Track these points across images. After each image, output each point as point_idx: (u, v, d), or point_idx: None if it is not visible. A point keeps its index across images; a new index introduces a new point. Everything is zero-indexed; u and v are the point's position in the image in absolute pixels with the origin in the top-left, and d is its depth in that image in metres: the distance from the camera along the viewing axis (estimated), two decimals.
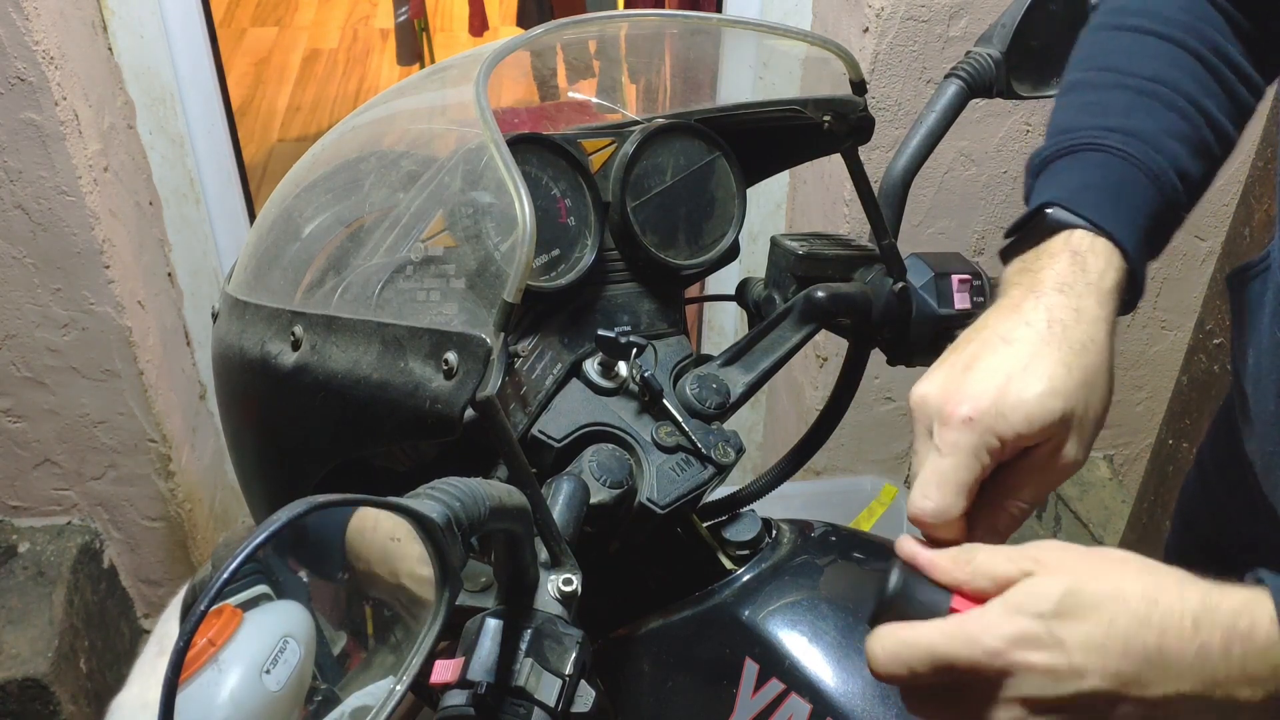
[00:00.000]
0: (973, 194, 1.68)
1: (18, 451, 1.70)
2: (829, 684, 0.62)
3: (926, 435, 0.59)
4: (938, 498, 0.57)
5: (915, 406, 0.61)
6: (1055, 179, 0.68)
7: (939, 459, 0.58)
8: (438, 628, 0.47)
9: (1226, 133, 0.72)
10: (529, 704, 0.53)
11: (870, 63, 1.52)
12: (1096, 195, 0.65)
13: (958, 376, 0.60)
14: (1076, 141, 0.68)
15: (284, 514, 0.40)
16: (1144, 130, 0.68)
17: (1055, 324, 0.60)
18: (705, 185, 0.81)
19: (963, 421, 0.57)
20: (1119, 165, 0.66)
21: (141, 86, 1.67)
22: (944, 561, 0.55)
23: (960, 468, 0.57)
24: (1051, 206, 0.65)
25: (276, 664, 0.66)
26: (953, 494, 0.57)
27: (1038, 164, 0.70)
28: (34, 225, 1.50)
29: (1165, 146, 0.67)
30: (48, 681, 1.61)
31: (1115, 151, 0.67)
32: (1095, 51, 0.74)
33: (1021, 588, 0.52)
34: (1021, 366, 0.59)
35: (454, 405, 0.55)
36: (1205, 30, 0.71)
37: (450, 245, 0.64)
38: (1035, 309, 0.61)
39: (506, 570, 0.56)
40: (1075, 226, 0.64)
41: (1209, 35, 0.71)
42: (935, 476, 0.57)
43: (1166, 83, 0.69)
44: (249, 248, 0.77)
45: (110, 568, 1.85)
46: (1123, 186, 0.66)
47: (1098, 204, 0.65)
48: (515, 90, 0.89)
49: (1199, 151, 0.69)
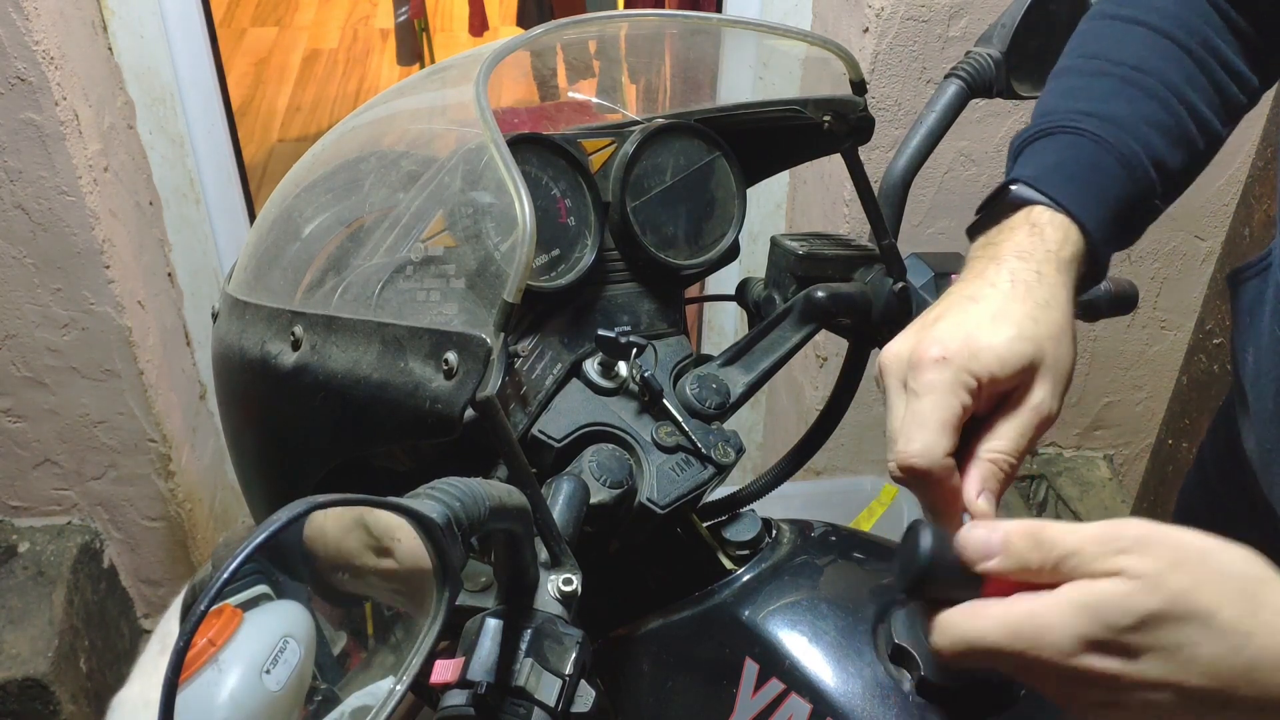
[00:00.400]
0: (973, 194, 1.68)
1: (18, 451, 1.70)
2: (829, 684, 0.62)
3: (900, 389, 0.59)
4: (921, 437, 0.56)
5: (886, 365, 0.61)
6: (1029, 160, 0.69)
7: (917, 401, 0.57)
8: (438, 628, 0.47)
9: (1212, 127, 0.72)
10: (529, 704, 0.53)
11: (870, 63, 1.52)
12: (1062, 175, 0.67)
13: (927, 329, 0.60)
14: (1053, 124, 0.70)
15: (284, 514, 0.40)
16: (1120, 116, 0.69)
17: (1019, 284, 0.62)
18: (705, 185, 0.81)
19: (935, 361, 0.58)
20: (1090, 147, 0.68)
21: (141, 86, 1.67)
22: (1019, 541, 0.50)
23: (939, 406, 0.57)
24: (1016, 184, 0.68)
25: (276, 664, 0.66)
26: (935, 432, 0.56)
27: (1017, 145, 0.72)
28: (34, 225, 1.50)
29: (1141, 133, 0.69)
30: (48, 681, 1.61)
31: (1088, 135, 0.68)
32: (1086, 40, 0.75)
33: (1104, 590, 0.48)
34: (989, 316, 0.60)
35: (454, 405, 0.55)
36: (1198, 25, 0.72)
37: (450, 245, 0.64)
38: (998, 273, 0.63)
39: (506, 570, 0.56)
40: (1036, 203, 0.66)
41: (1201, 30, 0.72)
42: (915, 419, 0.57)
43: (1150, 72, 0.70)
44: (249, 248, 0.77)
45: (110, 568, 1.85)
46: (1092, 168, 0.67)
47: (1061, 183, 0.67)
48: (515, 90, 0.89)
49: (1179, 142, 0.70)
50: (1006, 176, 0.70)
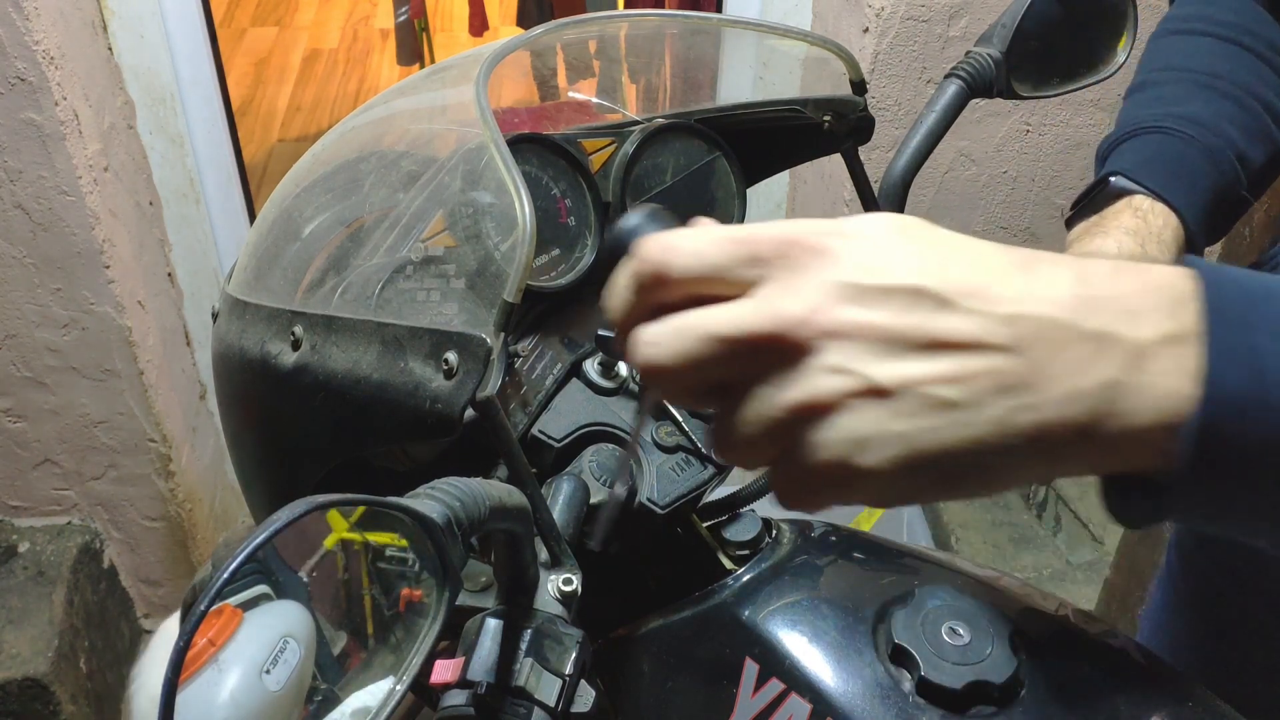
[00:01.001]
0: (973, 194, 1.68)
1: (18, 451, 1.70)
2: (829, 684, 0.62)
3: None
4: None
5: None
6: (1122, 157, 0.75)
7: None
8: (438, 628, 0.47)
9: None
10: (529, 704, 0.53)
11: (870, 63, 1.52)
12: (1156, 167, 0.73)
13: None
14: (1138, 127, 0.75)
15: (284, 514, 0.40)
16: (1200, 115, 0.74)
17: (1124, 250, 0.68)
18: (705, 185, 0.81)
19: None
20: (1177, 144, 0.73)
21: (141, 86, 1.67)
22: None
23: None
24: (1115, 175, 0.73)
25: (276, 664, 0.66)
26: None
27: (1105, 148, 0.77)
28: (34, 225, 1.50)
29: (1221, 129, 0.73)
30: (48, 681, 1.61)
31: (1173, 133, 0.73)
32: (1155, 56, 0.81)
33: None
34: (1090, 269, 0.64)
35: (454, 405, 0.55)
36: (1260, 29, 0.77)
37: (450, 245, 0.64)
38: (1104, 241, 0.69)
39: (506, 570, 0.56)
40: (1135, 192, 0.72)
41: (1264, 33, 0.77)
42: None
43: (1222, 75, 0.75)
44: (249, 248, 0.77)
45: (110, 568, 1.85)
46: (1181, 162, 0.73)
47: (1157, 174, 0.72)
48: (515, 90, 0.89)
49: (1258, 136, 0.75)
50: (1096, 176, 0.75)
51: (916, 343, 0.38)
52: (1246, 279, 0.39)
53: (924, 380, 0.38)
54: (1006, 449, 0.39)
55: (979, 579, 0.66)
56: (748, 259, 0.40)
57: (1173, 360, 0.38)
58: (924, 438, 0.39)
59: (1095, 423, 0.38)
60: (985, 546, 1.91)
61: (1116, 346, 0.38)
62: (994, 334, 0.38)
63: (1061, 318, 0.38)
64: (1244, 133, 0.74)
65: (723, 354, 0.40)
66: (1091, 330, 0.38)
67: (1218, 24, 0.78)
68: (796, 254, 0.40)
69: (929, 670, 0.60)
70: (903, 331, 0.38)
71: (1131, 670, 0.61)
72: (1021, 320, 0.38)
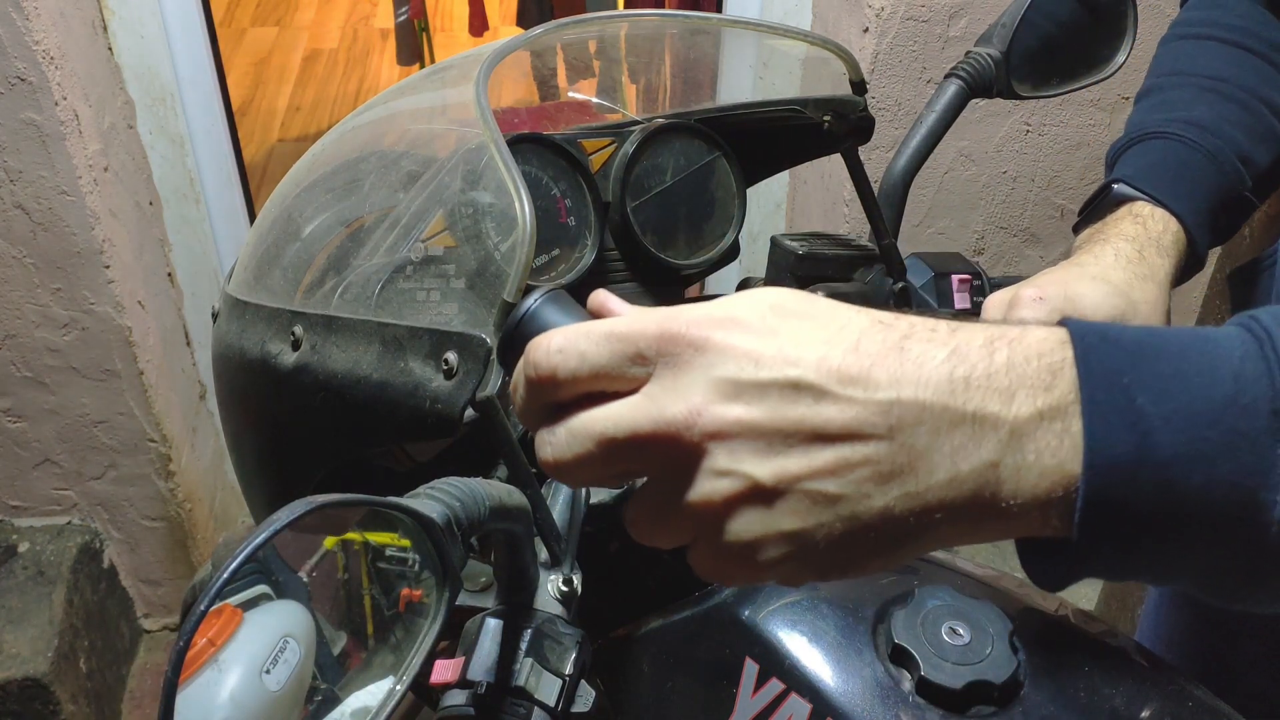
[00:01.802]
0: (973, 194, 1.68)
1: (18, 451, 1.70)
2: (829, 684, 0.62)
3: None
4: None
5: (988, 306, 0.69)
6: (1126, 163, 0.77)
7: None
8: (438, 628, 0.47)
9: None
10: (529, 704, 0.53)
11: (870, 63, 1.52)
12: (1157, 174, 0.74)
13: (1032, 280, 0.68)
14: (1143, 132, 0.77)
15: (284, 514, 0.40)
16: (1203, 119, 0.75)
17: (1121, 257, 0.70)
18: (705, 185, 0.81)
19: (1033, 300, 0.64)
20: (1179, 148, 0.75)
21: (141, 86, 1.67)
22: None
23: None
24: (1117, 184, 0.75)
25: (276, 664, 0.66)
26: None
27: (1112, 154, 0.79)
28: (34, 225, 1.50)
29: (1224, 132, 0.75)
30: (48, 681, 1.61)
31: (1176, 138, 0.75)
32: (1163, 61, 0.82)
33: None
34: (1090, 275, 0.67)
35: (454, 405, 0.55)
36: (1264, 32, 0.78)
37: (450, 245, 0.64)
38: (1104, 249, 0.71)
39: (506, 570, 0.56)
40: (1136, 199, 0.74)
41: (1269, 36, 0.78)
42: None
43: (1227, 79, 0.77)
44: (249, 248, 0.77)
45: (110, 567, 1.85)
46: (1183, 167, 0.74)
47: (1157, 180, 0.74)
48: (515, 90, 0.89)
49: (1263, 138, 0.76)
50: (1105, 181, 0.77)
51: (797, 437, 0.38)
52: (1124, 337, 0.38)
53: (805, 475, 0.39)
54: (899, 533, 0.39)
55: (979, 579, 0.66)
56: (632, 357, 0.41)
57: (1052, 436, 0.37)
58: (814, 534, 0.39)
59: (981, 504, 0.38)
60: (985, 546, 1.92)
61: (993, 428, 0.37)
62: (871, 423, 0.38)
63: (936, 402, 0.38)
64: (1248, 135, 0.75)
65: (617, 453, 0.41)
66: (969, 413, 0.37)
67: (1224, 28, 0.78)
68: (678, 350, 0.40)
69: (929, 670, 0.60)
70: (782, 427, 0.39)
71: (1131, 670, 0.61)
72: (897, 406, 0.38)
